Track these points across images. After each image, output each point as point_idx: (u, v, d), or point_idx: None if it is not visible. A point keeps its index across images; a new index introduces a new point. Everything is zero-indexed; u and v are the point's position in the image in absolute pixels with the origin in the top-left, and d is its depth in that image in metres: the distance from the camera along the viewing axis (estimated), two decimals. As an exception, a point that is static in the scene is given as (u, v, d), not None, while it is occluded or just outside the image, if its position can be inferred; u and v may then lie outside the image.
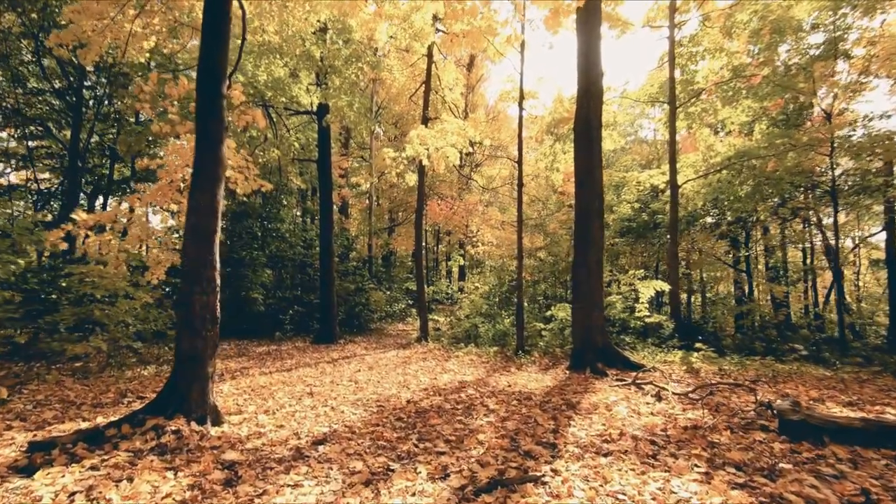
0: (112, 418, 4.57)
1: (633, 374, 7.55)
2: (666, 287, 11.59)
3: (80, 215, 6.87)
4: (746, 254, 17.18)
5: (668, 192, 16.18)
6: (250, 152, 12.10)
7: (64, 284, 8.30)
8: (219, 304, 4.45)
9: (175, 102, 7.03)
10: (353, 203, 26.57)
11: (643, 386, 6.38)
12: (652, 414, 4.99)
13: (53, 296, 8.48)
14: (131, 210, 7.52)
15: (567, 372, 8.12)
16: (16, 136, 15.87)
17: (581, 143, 8.99)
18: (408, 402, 5.70)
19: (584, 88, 9.06)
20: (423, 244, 15.17)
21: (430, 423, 4.72)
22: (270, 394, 5.97)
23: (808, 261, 19.12)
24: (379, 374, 7.94)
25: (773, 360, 9.59)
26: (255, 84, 11.15)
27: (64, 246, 7.47)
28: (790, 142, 11.96)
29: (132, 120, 15.54)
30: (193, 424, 4.00)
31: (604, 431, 4.33)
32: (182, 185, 6.96)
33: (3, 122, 14.76)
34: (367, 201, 23.12)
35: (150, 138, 10.31)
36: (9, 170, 16.54)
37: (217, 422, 4.32)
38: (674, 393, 5.72)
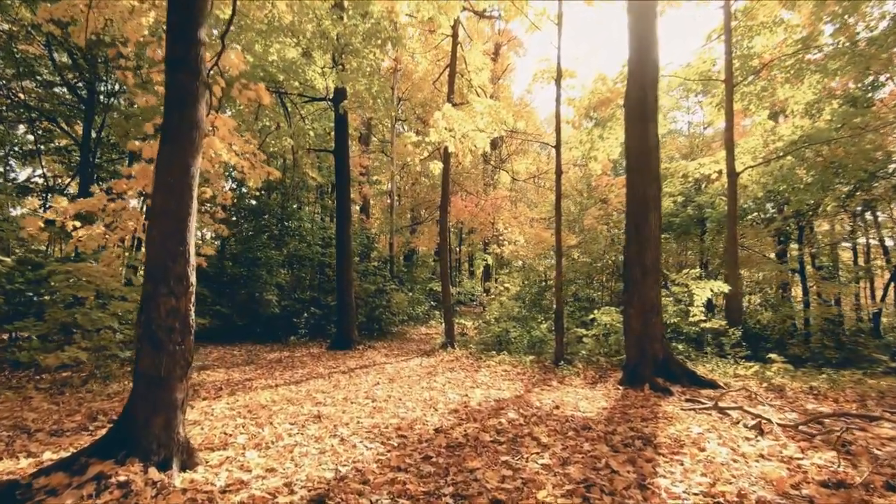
0: (63, 453, 3.59)
1: (706, 392, 6.27)
2: (725, 288, 10.16)
3: (60, 203, 6.01)
4: (800, 252, 15.51)
5: (716, 184, 14.65)
6: (261, 141, 11.23)
7: (54, 284, 7.49)
8: (193, 308, 3.42)
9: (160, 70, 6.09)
10: (374, 202, 25.71)
11: (729, 412, 5.11)
12: (762, 457, 3.73)
13: (46, 297, 7.69)
14: (116, 197, 6.62)
15: (620, 388, 6.89)
16: (25, 130, 15.42)
17: (634, 122, 7.73)
18: (436, 430, 4.57)
19: (637, 58, 7.80)
20: (447, 243, 14.06)
21: (468, 465, 3.58)
22: (269, 417, 4.94)
23: (863, 260, 17.37)
24: (400, 389, 6.84)
25: (861, 374, 8.15)
26: (266, 67, 10.25)
27: (45, 236, 6.67)
28: (861, 123, 10.41)
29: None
30: (152, 471, 2.97)
31: (710, 488, 3.11)
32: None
33: (14, 117, 14.34)
34: (389, 199, 22.19)
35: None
36: (13, 164, 16.07)
37: (188, 464, 3.28)
38: (778, 424, 4.44)
